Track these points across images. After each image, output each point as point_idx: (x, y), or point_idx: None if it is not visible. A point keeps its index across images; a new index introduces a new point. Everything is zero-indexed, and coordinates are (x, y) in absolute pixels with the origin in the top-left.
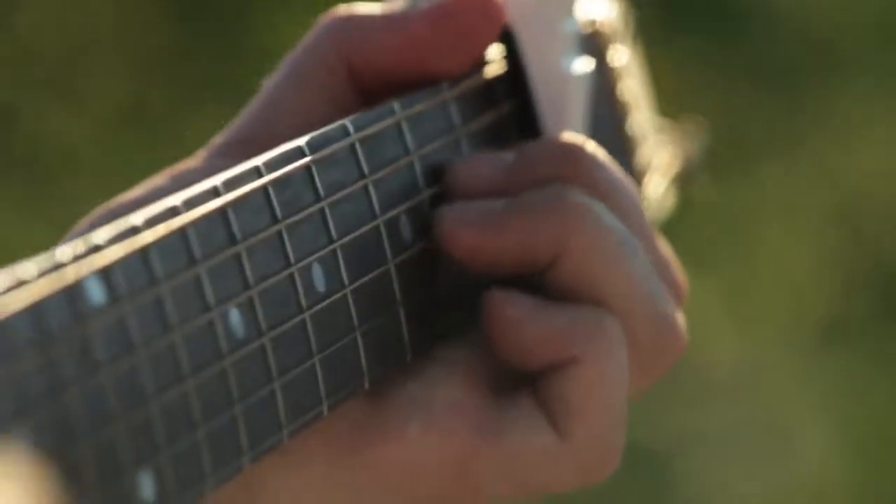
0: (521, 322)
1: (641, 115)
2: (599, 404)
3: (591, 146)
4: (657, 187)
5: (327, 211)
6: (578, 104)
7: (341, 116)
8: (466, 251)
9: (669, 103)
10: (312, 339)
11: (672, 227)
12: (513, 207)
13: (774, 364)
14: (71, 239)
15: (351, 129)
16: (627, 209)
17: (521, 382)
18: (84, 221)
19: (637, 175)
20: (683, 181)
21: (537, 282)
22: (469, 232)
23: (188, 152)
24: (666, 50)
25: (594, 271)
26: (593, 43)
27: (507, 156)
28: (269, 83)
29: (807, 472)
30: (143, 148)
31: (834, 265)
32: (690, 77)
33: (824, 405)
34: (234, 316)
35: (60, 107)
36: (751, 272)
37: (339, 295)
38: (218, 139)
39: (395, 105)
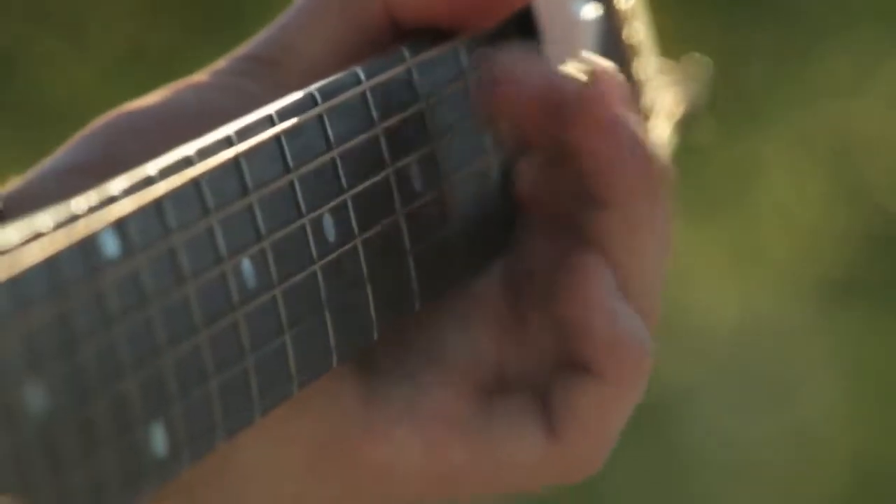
0: (609, 312)
1: (646, 58)
2: (603, 424)
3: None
4: (662, 130)
5: (338, 161)
6: (587, 48)
7: (370, 49)
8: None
9: (672, 51)
10: (323, 290)
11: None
12: None
13: (778, 318)
14: (78, 140)
15: (362, 76)
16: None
17: (516, 385)
18: (97, 124)
19: (642, 119)
20: (687, 123)
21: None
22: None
23: None
24: (668, 1)
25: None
26: None
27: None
28: (299, 4)
29: (811, 426)
30: (147, 91)
31: (839, 218)
32: (694, 27)
33: (829, 359)
34: (247, 267)
35: (63, 50)
36: (755, 225)
37: (349, 245)
38: (236, 53)
39: (406, 51)
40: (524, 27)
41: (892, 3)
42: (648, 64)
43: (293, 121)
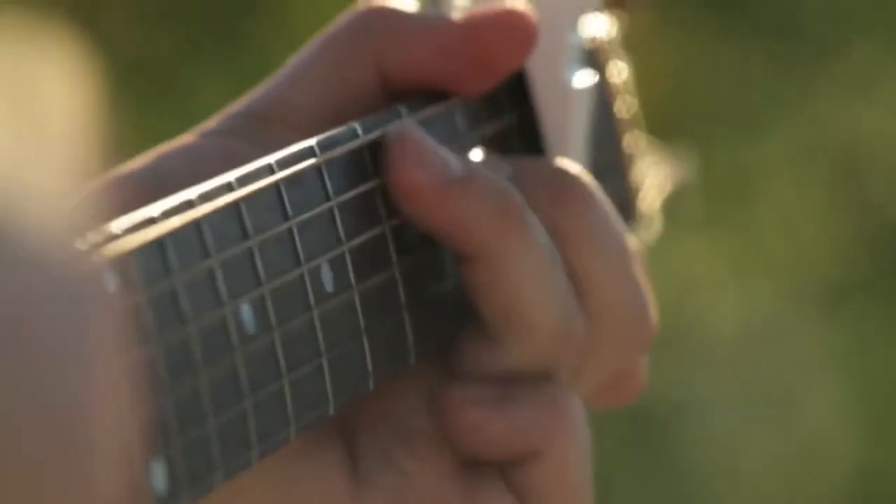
0: (481, 426)
1: (636, 134)
2: (567, 489)
3: (585, 176)
4: (650, 207)
5: (336, 212)
6: (581, 118)
7: (361, 109)
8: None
9: (676, 62)
10: (321, 338)
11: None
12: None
13: (779, 324)
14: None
15: (360, 131)
16: (611, 245)
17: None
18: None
19: (631, 193)
20: (674, 201)
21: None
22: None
23: (196, 106)
24: (672, 7)
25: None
26: (593, 58)
27: (507, 168)
28: (292, 65)
29: (813, 433)
30: (150, 102)
31: (839, 224)
32: (696, 34)
33: (830, 365)
34: (246, 311)
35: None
36: (755, 232)
37: (346, 296)
38: (227, 110)
39: (403, 109)
40: (517, 93)
41: (893, 13)
42: (638, 140)
43: (293, 169)
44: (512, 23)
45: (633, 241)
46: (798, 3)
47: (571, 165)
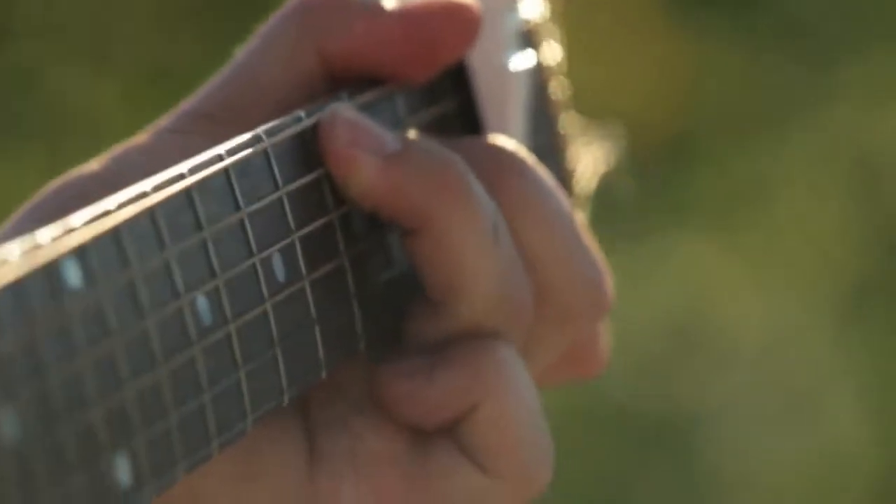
0: (413, 395)
1: (570, 116)
2: (514, 436)
3: (522, 151)
4: (585, 187)
5: (286, 201)
6: (518, 100)
7: (311, 99)
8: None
9: (695, 68)
10: (274, 328)
11: (697, 192)
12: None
13: (800, 330)
14: (28, 208)
15: (303, 116)
16: (554, 216)
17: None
18: (46, 191)
19: (566, 174)
20: (607, 180)
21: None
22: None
23: None
24: (692, 12)
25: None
26: (528, 40)
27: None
28: (238, 59)
29: (835, 439)
30: (166, 109)
31: (860, 229)
32: (716, 40)
33: (852, 371)
34: (202, 303)
35: (85, 70)
36: (776, 238)
37: (298, 285)
38: (176, 110)
39: (344, 94)
40: (457, 78)
41: None
42: (572, 121)
43: (241, 155)
44: (456, 14)
45: (579, 215)
46: (818, 8)
47: (508, 142)
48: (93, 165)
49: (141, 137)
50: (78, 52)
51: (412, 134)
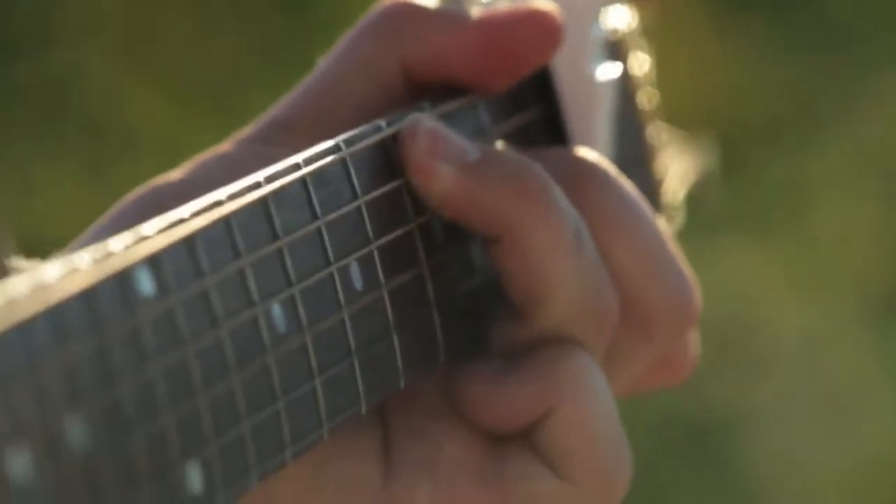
0: (489, 398)
1: (658, 125)
2: (590, 441)
3: (605, 161)
4: (674, 198)
5: (364, 210)
6: (604, 110)
7: (392, 108)
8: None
9: (732, 76)
10: (351, 337)
11: (733, 198)
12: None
13: (838, 336)
14: (110, 217)
15: (384, 125)
16: (638, 226)
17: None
18: (127, 200)
19: (655, 184)
20: (697, 192)
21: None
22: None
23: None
24: (731, 19)
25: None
26: (615, 50)
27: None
28: (320, 68)
29: (872, 443)
30: (206, 120)
31: (895, 235)
32: (753, 47)
33: (888, 375)
34: (277, 312)
35: (124, 73)
36: (814, 243)
37: (375, 294)
38: (260, 119)
39: (426, 104)
40: (542, 87)
41: None
42: (661, 131)
43: (319, 164)
44: (538, 23)
45: (665, 226)
46: (855, 15)
47: (590, 153)
48: (175, 174)
49: (223, 147)
50: (117, 54)
51: (495, 144)
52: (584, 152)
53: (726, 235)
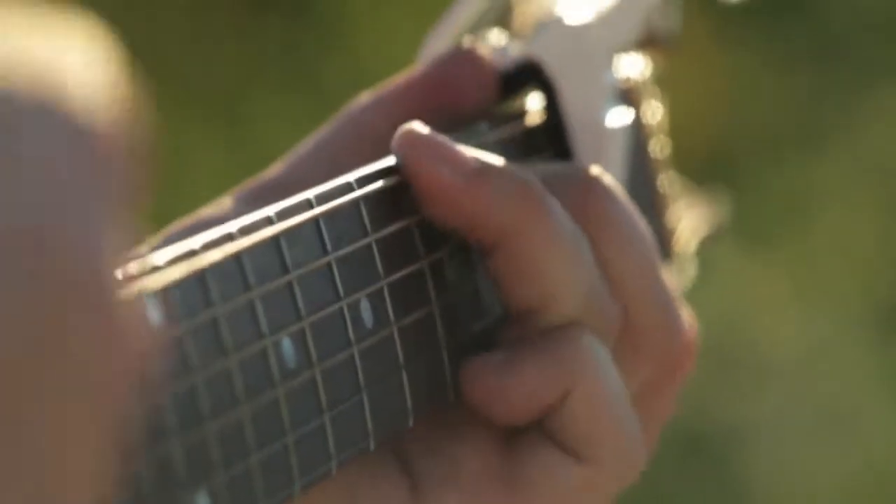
0: (501, 389)
1: (671, 175)
2: (608, 419)
3: (604, 174)
4: (686, 248)
5: (375, 247)
6: (616, 157)
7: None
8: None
9: (732, 88)
10: (361, 373)
11: (734, 209)
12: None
13: (839, 347)
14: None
15: (392, 164)
16: (636, 244)
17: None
18: (172, 230)
19: (666, 233)
20: (708, 243)
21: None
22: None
23: (256, 134)
24: (731, 31)
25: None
26: (628, 98)
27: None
28: (321, 135)
29: (872, 453)
30: (207, 126)
31: None
32: (754, 60)
33: (889, 386)
34: (287, 345)
35: (161, 98)
36: (815, 255)
37: (385, 332)
38: (253, 181)
39: (485, 125)
40: (554, 133)
41: None
42: (673, 181)
43: (331, 204)
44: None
45: (670, 275)
46: (856, 28)
47: (593, 167)
48: (272, 171)
49: (224, 201)
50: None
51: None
52: (587, 166)
53: (727, 246)
